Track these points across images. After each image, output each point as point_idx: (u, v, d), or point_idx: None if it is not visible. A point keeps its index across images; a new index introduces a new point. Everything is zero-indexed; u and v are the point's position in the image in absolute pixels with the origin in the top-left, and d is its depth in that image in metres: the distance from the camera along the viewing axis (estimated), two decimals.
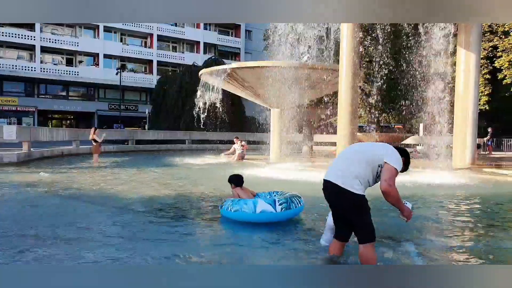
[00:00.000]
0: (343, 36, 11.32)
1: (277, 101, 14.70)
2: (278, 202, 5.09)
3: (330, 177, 3.34)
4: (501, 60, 27.50)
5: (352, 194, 3.20)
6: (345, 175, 3.26)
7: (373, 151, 3.35)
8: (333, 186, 3.29)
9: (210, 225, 5.30)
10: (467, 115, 12.95)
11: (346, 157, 3.43)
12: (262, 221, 5.09)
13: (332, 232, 3.88)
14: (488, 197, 7.81)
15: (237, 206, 5.13)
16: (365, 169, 3.26)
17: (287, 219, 5.28)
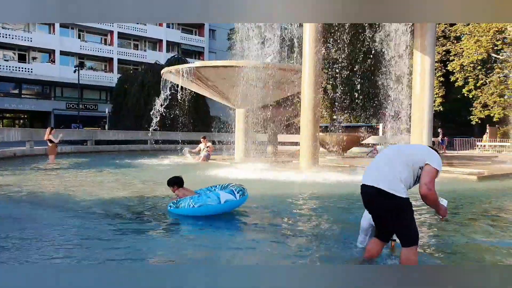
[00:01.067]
0: (306, 37, 11.47)
1: (241, 101, 14.68)
2: (235, 191, 5.57)
3: (373, 181, 3.23)
4: (453, 64, 28.99)
5: (399, 198, 3.13)
6: (390, 179, 3.17)
7: (414, 153, 3.30)
8: (377, 190, 3.17)
9: (172, 226, 5.21)
10: (423, 116, 13.52)
11: (387, 160, 3.33)
12: (227, 210, 5.54)
13: (367, 233, 3.90)
14: (446, 194, 8.17)
15: (200, 202, 5.36)
16: (408, 172, 3.20)
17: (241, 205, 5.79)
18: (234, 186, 5.78)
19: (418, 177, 3.24)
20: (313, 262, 3.82)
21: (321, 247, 4.29)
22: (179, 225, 5.30)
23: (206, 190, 6.00)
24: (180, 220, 5.45)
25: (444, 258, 4.03)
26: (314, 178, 9.81)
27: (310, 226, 5.27)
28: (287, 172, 10.80)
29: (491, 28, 26.48)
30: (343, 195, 7.75)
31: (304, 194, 7.80)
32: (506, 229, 5.25)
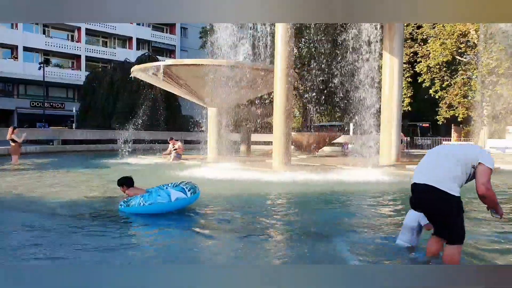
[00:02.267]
0: (278, 36, 11.50)
1: (214, 100, 14.56)
2: (187, 189, 5.68)
3: (426, 180, 3.28)
4: (420, 65, 29.90)
5: (452, 196, 3.19)
6: (443, 177, 3.23)
7: (466, 153, 3.34)
8: (430, 189, 3.23)
9: (140, 228, 5.08)
10: (392, 115, 13.89)
11: (439, 160, 3.37)
12: (177, 208, 5.62)
13: (410, 232, 3.91)
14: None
15: (151, 200, 5.47)
16: (460, 171, 3.25)
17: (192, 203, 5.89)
18: (185, 184, 5.85)
19: (469, 176, 3.31)
20: (291, 260, 3.82)
21: (297, 245, 4.30)
22: (143, 225, 5.18)
23: (158, 188, 6.01)
24: (137, 219, 5.38)
25: (403, 253, 4.11)
26: (287, 177, 9.85)
27: (284, 224, 5.27)
28: (260, 172, 10.79)
29: (455, 31, 27.48)
30: (316, 194, 7.82)
31: (277, 193, 7.81)
32: (468, 225, 5.41)
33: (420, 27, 30.22)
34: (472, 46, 28.00)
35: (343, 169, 11.83)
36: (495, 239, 4.67)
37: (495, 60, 24.52)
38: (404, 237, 4.01)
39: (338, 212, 6.28)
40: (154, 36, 47.23)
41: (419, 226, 3.89)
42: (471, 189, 3.44)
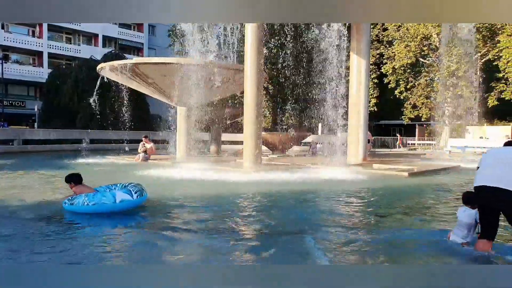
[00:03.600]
0: (248, 36, 11.49)
1: (183, 99, 14.36)
2: (133, 191, 5.67)
3: (494, 182, 3.68)
4: (386, 67, 30.81)
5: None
6: (509, 179, 3.63)
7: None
8: (500, 190, 3.62)
9: (104, 230, 4.93)
10: (360, 115, 14.21)
11: (502, 163, 3.80)
12: (122, 209, 5.58)
13: (467, 228, 4.11)
14: (379, 190, 8.63)
15: (95, 200, 5.46)
16: None
17: (139, 205, 5.87)
18: (133, 186, 5.85)
19: None
20: (262, 259, 3.81)
21: (268, 244, 4.29)
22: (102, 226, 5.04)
23: (106, 188, 5.98)
24: (103, 220, 5.28)
25: (380, 253, 4.20)
26: (258, 177, 9.87)
27: (254, 223, 5.26)
28: (230, 171, 10.75)
29: (418, 34, 28.50)
30: (286, 193, 7.87)
31: (247, 193, 7.79)
32: (437, 222, 5.62)
33: (385, 30, 31.14)
34: (434, 49, 29.14)
35: (313, 168, 11.99)
36: None
37: (455, 63, 25.62)
38: (461, 233, 4.19)
39: (308, 211, 6.34)
40: (121, 33, 46.04)
41: (476, 223, 4.08)
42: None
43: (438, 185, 9.69)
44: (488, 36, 26.91)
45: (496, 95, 26.97)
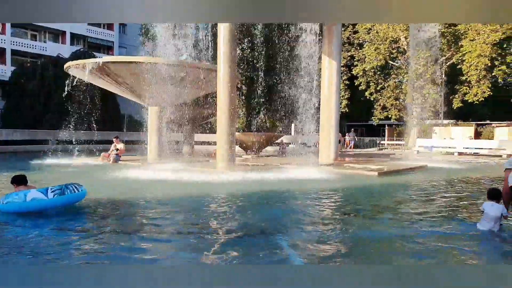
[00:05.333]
0: (221, 36, 11.44)
1: (155, 98, 14.13)
2: (50, 190, 5.53)
3: None
4: (357, 69, 31.44)
5: None
6: None
7: None
8: None
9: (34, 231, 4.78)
10: (331, 116, 14.44)
11: None
12: (33, 209, 5.46)
13: (493, 221, 4.70)
14: (350, 189, 8.79)
15: (8, 198, 5.49)
16: None
17: (64, 205, 5.74)
18: (57, 186, 5.71)
19: None
20: (234, 259, 3.79)
21: (240, 244, 4.28)
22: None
23: (48, 188, 5.85)
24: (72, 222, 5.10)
25: (349, 251, 4.28)
26: (231, 177, 9.83)
27: (227, 224, 5.23)
28: (203, 172, 10.66)
29: (387, 37, 29.27)
30: (259, 193, 7.88)
31: (221, 194, 7.75)
32: (405, 221, 5.78)
33: (356, 32, 31.78)
34: (402, 52, 30.00)
35: (285, 168, 12.07)
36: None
37: (422, 66, 26.48)
38: (488, 225, 4.77)
39: (280, 210, 6.38)
40: (90, 31, 44.75)
41: (501, 216, 4.73)
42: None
43: (407, 184, 9.99)
44: (452, 41, 27.98)
45: (460, 97, 28.07)
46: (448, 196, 8.12)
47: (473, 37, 25.51)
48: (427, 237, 4.70)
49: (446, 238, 4.68)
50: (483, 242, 4.69)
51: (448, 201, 7.43)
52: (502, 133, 28.34)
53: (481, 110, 36.01)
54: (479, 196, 8.04)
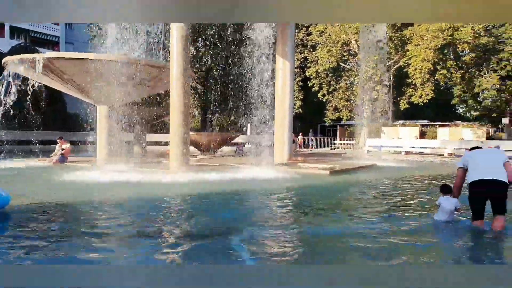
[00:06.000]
0: (174, 34, 11.20)
1: (104, 97, 13.54)
2: None
3: (494, 175, 4.84)
4: (310, 70, 32.15)
5: (508, 184, 4.85)
6: (501, 173, 4.88)
7: (499, 155, 5.16)
8: (498, 182, 4.82)
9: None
10: (285, 117, 14.61)
11: (493, 161, 5.05)
12: None
13: (448, 214, 5.32)
14: (303, 188, 8.93)
15: None
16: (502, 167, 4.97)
17: None
18: None
19: None
20: (188, 260, 3.68)
21: (193, 245, 4.19)
22: None
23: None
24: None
25: (302, 250, 4.32)
26: (185, 178, 9.65)
27: (181, 225, 5.09)
28: (155, 173, 10.37)
29: (339, 40, 30.19)
30: (213, 193, 7.79)
31: (174, 195, 7.56)
32: (355, 218, 5.94)
33: (309, 34, 32.50)
34: (353, 54, 31.08)
35: (240, 168, 12.04)
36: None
37: (371, 68, 27.57)
38: (444, 217, 5.37)
39: (234, 211, 6.33)
40: (32, 25, 42.19)
41: (455, 209, 5.34)
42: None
43: (358, 182, 10.32)
44: (399, 45, 29.40)
45: (407, 99, 29.56)
46: (396, 193, 8.47)
47: (417, 42, 26.95)
48: (381, 233, 4.86)
49: (398, 233, 4.86)
50: (438, 233, 5.17)
51: (397, 198, 7.74)
52: (444, 133, 30.23)
53: (426, 112, 38.20)
54: (426, 192, 8.47)
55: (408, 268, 3.48)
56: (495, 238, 4.83)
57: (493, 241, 4.80)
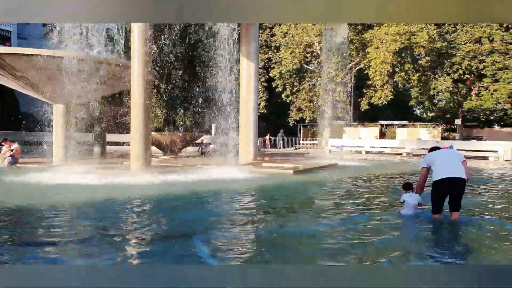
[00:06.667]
0: (134, 32, 10.91)
1: (60, 96, 12.97)
2: None
3: (457, 174, 5.32)
4: (274, 71, 32.41)
5: (466, 180, 5.39)
6: (462, 171, 5.37)
7: (457, 155, 5.69)
8: (460, 179, 5.31)
9: None
10: (250, 117, 14.63)
11: (453, 161, 5.51)
12: None
13: (413, 208, 5.73)
14: (267, 188, 8.96)
15: None
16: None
17: None
18: None
19: None
20: (149, 262, 3.57)
21: (156, 247, 4.09)
22: None
23: None
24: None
25: (266, 249, 4.32)
26: (146, 179, 9.42)
27: (142, 227, 4.95)
28: (116, 174, 10.05)
29: (302, 42, 30.63)
30: (176, 194, 7.65)
31: (135, 196, 7.35)
32: (317, 216, 6.02)
33: (273, 35, 32.75)
34: (316, 56, 31.65)
35: (205, 168, 11.92)
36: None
37: (334, 70, 28.20)
38: (409, 212, 5.75)
39: (197, 212, 6.25)
40: None
41: (418, 204, 5.75)
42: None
43: (320, 181, 10.50)
44: (360, 48, 30.26)
45: (367, 100, 30.47)
46: (358, 191, 8.69)
47: (377, 45, 27.84)
48: (349, 230, 4.96)
49: (366, 230, 4.99)
50: (407, 226, 5.55)
51: (360, 195, 7.94)
52: (403, 133, 31.43)
53: (385, 112, 39.55)
54: (387, 190, 8.75)
55: (407, 268, 3.51)
56: (453, 224, 5.43)
57: (452, 227, 5.41)
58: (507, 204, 7.38)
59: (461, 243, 4.86)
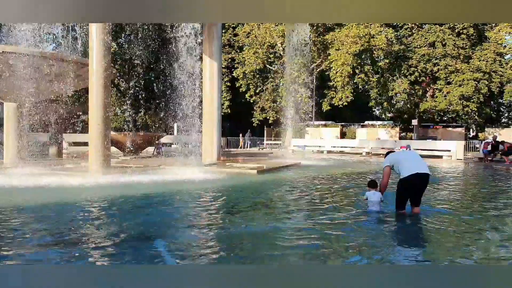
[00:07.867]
0: (93, 29, 10.52)
1: (12, 93, 12.26)
2: None
3: (425, 169, 5.66)
4: (237, 71, 32.40)
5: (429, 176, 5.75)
6: (427, 167, 5.73)
7: (417, 155, 6.12)
8: (427, 175, 5.65)
9: None
10: (213, 117, 14.51)
11: (418, 158, 5.89)
12: None
13: (378, 204, 6.05)
14: (231, 188, 8.91)
15: None
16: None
17: None
18: None
19: None
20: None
21: (116, 249, 3.94)
22: None
23: None
24: None
25: (229, 249, 4.29)
26: (105, 181, 9.11)
27: (102, 230, 4.76)
28: (72, 176, 9.64)
29: (265, 42, 30.83)
30: (136, 196, 7.44)
31: (94, 198, 7.08)
32: (280, 215, 6.06)
33: (236, 35, 32.73)
34: (279, 57, 31.95)
35: (167, 169, 11.69)
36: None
37: (296, 71, 28.58)
38: (375, 208, 6.06)
39: (159, 213, 6.11)
40: None
41: (381, 200, 6.08)
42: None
43: (284, 180, 10.59)
44: (322, 49, 30.87)
45: (328, 101, 31.14)
46: (321, 188, 8.83)
47: (338, 47, 28.52)
48: (313, 227, 5.00)
49: (332, 227, 5.05)
50: (375, 221, 5.76)
51: (322, 193, 8.07)
52: (362, 133, 32.41)
53: (346, 113, 40.58)
54: (349, 187, 8.96)
55: (407, 268, 3.53)
56: (415, 216, 5.82)
57: (416, 220, 5.73)
58: (461, 198, 7.78)
59: (427, 235, 5.12)
